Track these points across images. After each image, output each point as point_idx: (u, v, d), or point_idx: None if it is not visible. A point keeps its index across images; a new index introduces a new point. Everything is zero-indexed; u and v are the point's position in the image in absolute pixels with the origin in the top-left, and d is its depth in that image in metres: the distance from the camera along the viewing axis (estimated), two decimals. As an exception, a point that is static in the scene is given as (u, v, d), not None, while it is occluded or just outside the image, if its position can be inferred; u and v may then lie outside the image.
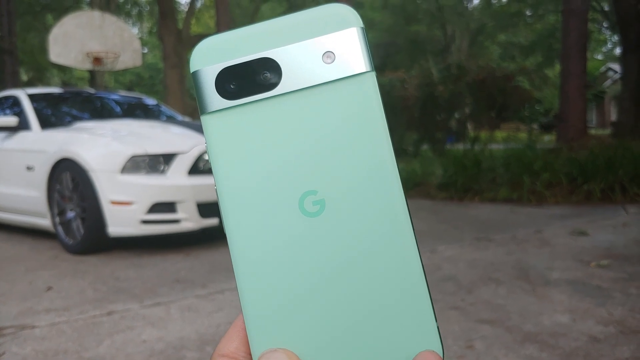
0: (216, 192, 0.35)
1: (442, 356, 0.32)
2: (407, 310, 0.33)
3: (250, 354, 0.34)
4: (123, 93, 6.30)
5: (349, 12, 0.35)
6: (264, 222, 0.34)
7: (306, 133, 0.34)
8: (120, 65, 8.62)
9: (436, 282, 2.93)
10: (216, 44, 0.35)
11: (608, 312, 2.39)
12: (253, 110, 0.34)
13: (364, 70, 0.34)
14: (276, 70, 0.34)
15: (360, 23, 0.35)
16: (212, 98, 0.35)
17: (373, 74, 0.34)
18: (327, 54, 0.34)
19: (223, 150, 0.34)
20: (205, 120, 0.35)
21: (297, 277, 0.33)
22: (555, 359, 1.94)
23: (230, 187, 0.34)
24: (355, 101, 0.34)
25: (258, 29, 0.35)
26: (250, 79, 0.34)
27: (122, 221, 3.80)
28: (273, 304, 0.33)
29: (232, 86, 0.34)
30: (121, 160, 3.83)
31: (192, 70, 0.35)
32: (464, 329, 2.26)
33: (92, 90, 6.21)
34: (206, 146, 0.35)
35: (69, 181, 4.05)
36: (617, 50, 19.92)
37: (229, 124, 0.34)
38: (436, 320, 0.32)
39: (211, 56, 0.35)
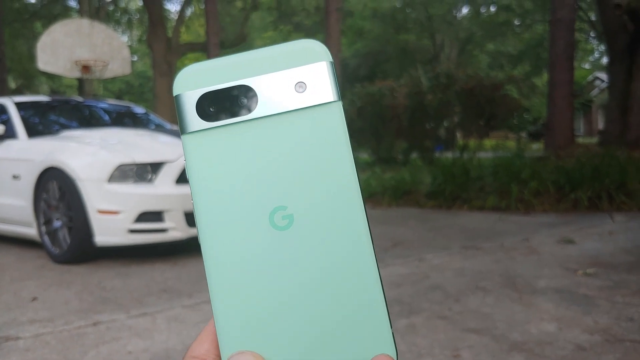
0: (193, 206, 0.37)
1: (395, 358, 0.35)
2: (365, 318, 0.36)
3: (220, 356, 0.36)
4: (111, 101, 6.28)
5: (319, 48, 0.38)
6: (236, 233, 0.36)
7: (279, 154, 0.37)
8: (109, 73, 8.60)
9: (423, 291, 2.94)
10: (198, 71, 0.38)
11: (594, 320, 2.40)
12: (230, 132, 0.37)
13: (332, 99, 0.37)
14: (252, 97, 0.37)
15: (330, 57, 0.38)
16: (192, 119, 0.37)
17: (340, 104, 0.37)
18: (299, 84, 0.37)
19: (200, 168, 0.37)
20: (185, 139, 0.37)
21: (266, 285, 0.36)
22: (542, 368, 1.94)
23: (206, 202, 0.37)
24: (324, 127, 0.37)
25: (238, 59, 0.38)
26: (229, 103, 0.37)
27: (109, 230, 3.78)
28: (243, 310, 0.36)
29: (211, 109, 0.37)
30: (108, 169, 3.80)
31: (175, 93, 0.38)
32: (450, 338, 2.26)
33: (80, 99, 6.18)
34: (185, 164, 0.37)
35: (56, 190, 4.02)
36: (604, 60, 20.14)
37: (207, 144, 0.37)
38: (391, 327, 0.35)
39: (193, 81, 0.38)
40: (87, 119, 5.54)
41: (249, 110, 0.37)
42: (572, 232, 4.40)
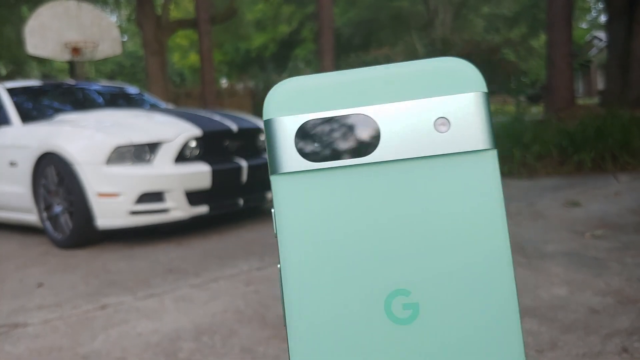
0: (279, 271, 0.29)
1: None
2: None
3: None
4: (104, 83, 6.19)
5: (472, 72, 0.29)
6: (337, 321, 0.28)
7: (403, 215, 0.28)
8: (100, 54, 8.47)
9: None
10: (300, 89, 0.29)
11: (605, 282, 2.38)
12: (338, 178, 0.29)
13: (484, 147, 0.28)
14: (374, 132, 0.28)
15: (484, 87, 0.29)
16: (289, 156, 0.29)
17: (495, 153, 0.28)
18: (441, 120, 0.28)
19: (295, 221, 0.29)
20: (277, 182, 0.29)
21: None
22: (555, 333, 1.92)
23: (299, 270, 0.28)
24: (470, 184, 0.28)
25: (355, 77, 0.29)
26: (340, 138, 0.29)
27: (110, 213, 3.74)
28: None
29: (315, 145, 0.29)
30: (106, 152, 3.75)
31: (265, 117, 0.29)
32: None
33: (72, 82, 6.09)
34: (274, 212, 0.30)
35: (54, 175, 3.97)
36: (602, 18, 19.92)
37: (306, 191, 0.29)
38: None
39: (293, 104, 0.29)
40: (81, 101, 5.46)
41: (367, 150, 0.28)
42: (577, 195, 4.37)
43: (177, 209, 3.82)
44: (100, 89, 5.86)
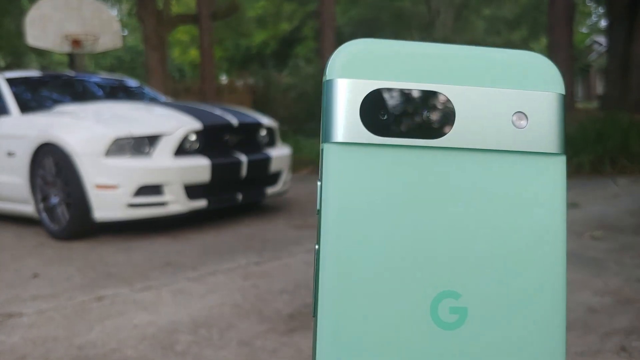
0: (316, 254, 0.26)
1: None
2: None
3: None
4: (104, 75, 6.18)
5: (554, 71, 0.27)
6: (375, 319, 0.26)
7: (464, 210, 0.26)
8: (100, 47, 8.44)
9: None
10: (373, 52, 0.26)
11: (604, 282, 2.38)
12: (401, 158, 0.26)
13: (557, 151, 0.27)
14: (448, 114, 0.26)
15: (563, 88, 0.27)
16: (350, 124, 0.26)
17: (564, 160, 0.27)
18: (519, 115, 0.27)
19: (345, 199, 0.26)
20: (330, 150, 0.26)
21: None
22: (554, 331, 1.92)
23: (340, 256, 0.25)
24: (537, 188, 0.27)
25: (434, 51, 0.27)
26: (411, 114, 0.26)
27: (108, 205, 3.73)
28: None
29: (383, 116, 0.26)
30: (105, 143, 3.73)
31: (329, 77, 0.26)
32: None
33: (72, 73, 6.07)
34: (320, 185, 0.26)
35: (52, 166, 3.95)
36: (602, 23, 19.94)
37: (363, 166, 0.26)
38: None
39: (363, 67, 0.26)
40: (80, 93, 5.44)
41: (439, 132, 0.26)
42: (576, 197, 4.36)
43: (176, 203, 3.80)
44: (100, 81, 5.84)
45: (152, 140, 3.82)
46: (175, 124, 3.93)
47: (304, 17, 16.73)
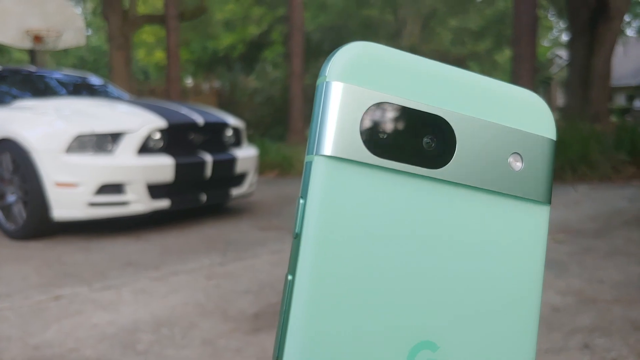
0: (287, 285, 0.23)
1: None
2: None
3: None
4: (67, 72, 6.01)
5: (549, 114, 0.26)
6: None
7: (449, 251, 0.24)
8: (63, 44, 8.25)
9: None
10: (382, 59, 0.23)
11: (566, 283, 2.41)
12: (398, 185, 0.23)
13: (545, 200, 0.25)
14: (449, 143, 0.24)
15: (555, 134, 0.26)
16: (348, 137, 0.22)
17: (548, 210, 0.26)
18: (516, 156, 0.25)
19: (331, 223, 0.22)
20: (319, 164, 0.22)
21: None
22: (518, 331, 1.93)
23: (319, 291, 0.22)
24: (520, 236, 0.25)
25: (442, 71, 0.24)
26: (413, 137, 0.23)
27: (67, 204, 3.62)
28: None
29: (383, 135, 0.23)
30: (66, 140, 3.63)
31: (328, 78, 0.23)
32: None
33: (32, 68, 5.90)
34: (302, 204, 0.23)
35: (9, 163, 3.82)
36: (564, 37, 20.48)
37: (356, 188, 0.22)
38: None
39: (370, 73, 0.23)
40: (41, 89, 5.29)
41: (438, 163, 0.23)
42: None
43: (138, 202, 3.72)
44: (62, 77, 5.69)
45: (115, 137, 3.73)
46: (139, 121, 3.85)
47: (273, 21, 16.70)
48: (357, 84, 0.23)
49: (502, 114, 0.25)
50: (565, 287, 2.36)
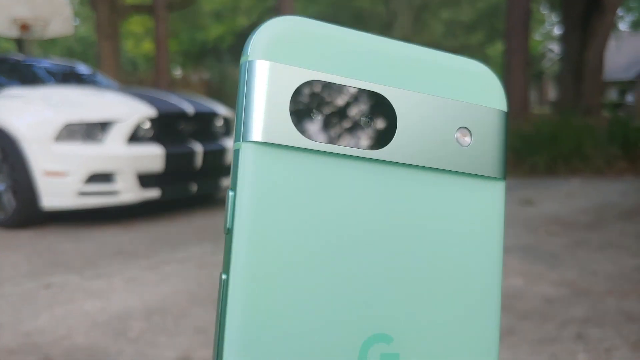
0: (222, 284, 0.21)
1: None
2: None
3: None
4: (55, 60, 5.94)
5: (498, 85, 0.24)
6: None
7: (398, 236, 0.22)
8: (50, 33, 8.14)
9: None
10: (310, 33, 0.21)
11: (559, 275, 2.42)
12: (334, 168, 0.21)
13: (498, 175, 0.24)
14: (390, 122, 0.22)
15: (506, 105, 0.24)
16: (277, 121, 0.20)
17: (504, 186, 0.24)
18: (463, 131, 0.23)
19: (264, 214, 0.20)
20: (248, 151, 0.20)
21: None
22: (512, 320, 1.93)
23: (255, 288, 0.20)
24: (474, 216, 0.23)
25: (379, 45, 0.22)
26: (349, 117, 0.22)
27: (57, 193, 3.57)
28: None
29: (317, 116, 0.21)
30: (55, 128, 3.58)
31: (251, 57, 0.21)
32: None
33: (20, 57, 5.82)
34: (232, 196, 0.21)
35: (-3, 151, 3.76)
36: (556, 31, 20.54)
37: (289, 174, 0.21)
38: None
39: (298, 50, 0.21)
40: (29, 78, 5.21)
41: (378, 143, 0.22)
42: (531, 195, 4.46)
43: (128, 192, 3.68)
44: (51, 66, 5.61)
45: (104, 126, 3.68)
46: (128, 110, 3.81)
47: (263, 12, 16.61)
48: (284, 62, 0.21)
49: (447, 87, 0.23)
50: (559, 279, 2.36)
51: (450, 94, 0.23)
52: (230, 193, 0.21)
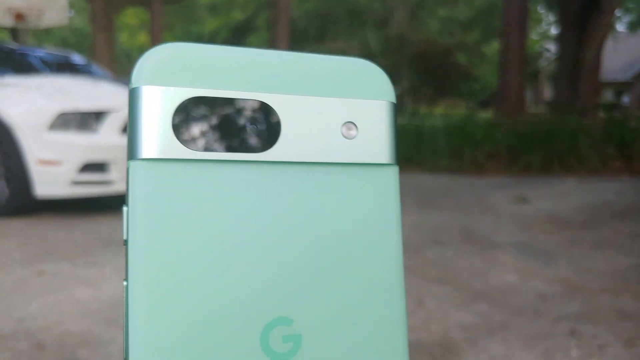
0: (125, 291, 0.22)
1: None
2: None
3: None
4: (50, 49, 5.90)
5: (383, 78, 0.25)
6: (199, 357, 0.22)
7: (292, 228, 0.23)
8: (45, 22, 8.09)
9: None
10: (186, 57, 0.23)
11: (553, 272, 2.43)
12: (221, 175, 0.23)
13: (388, 161, 0.25)
14: (273, 126, 0.23)
15: (394, 96, 0.26)
16: (162, 138, 0.22)
17: (396, 170, 0.25)
18: (348, 125, 0.25)
19: (157, 225, 0.22)
20: (138, 168, 0.22)
21: None
22: (506, 315, 1.93)
23: (155, 292, 0.22)
24: (368, 201, 0.24)
25: (255, 57, 0.24)
26: (232, 126, 0.23)
27: (50, 182, 3.55)
28: None
29: (199, 129, 0.23)
30: (49, 117, 3.55)
31: (135, 84, 0.23)
32: (412, 286, 2.23)
33: (14, 45, 5.78)
34: (126, 211, 0.23)
35: (-9, 139, 3.73)
36: (553, 30, 20.58)
37: (177, 185, 0.22)
38: None
39: (175, 73, 0.23)
40: (23, 66, 5.17)
41: (263, 146, 0.23)
42: (526, 193, 4.47)
43: (122, 182, 3.66)
44: (45, 55, 5.57)
45: (99, 116, 3.66)
46: (123, 100, 3.78)
47: (258, 6, 16.56)
48: (165, 84, 0.22)
49: (330, 87, 0.25)
50: (553, 276, 2.37)
51: (333, 93, 0.25)
52: (125, 208, 0.23)
